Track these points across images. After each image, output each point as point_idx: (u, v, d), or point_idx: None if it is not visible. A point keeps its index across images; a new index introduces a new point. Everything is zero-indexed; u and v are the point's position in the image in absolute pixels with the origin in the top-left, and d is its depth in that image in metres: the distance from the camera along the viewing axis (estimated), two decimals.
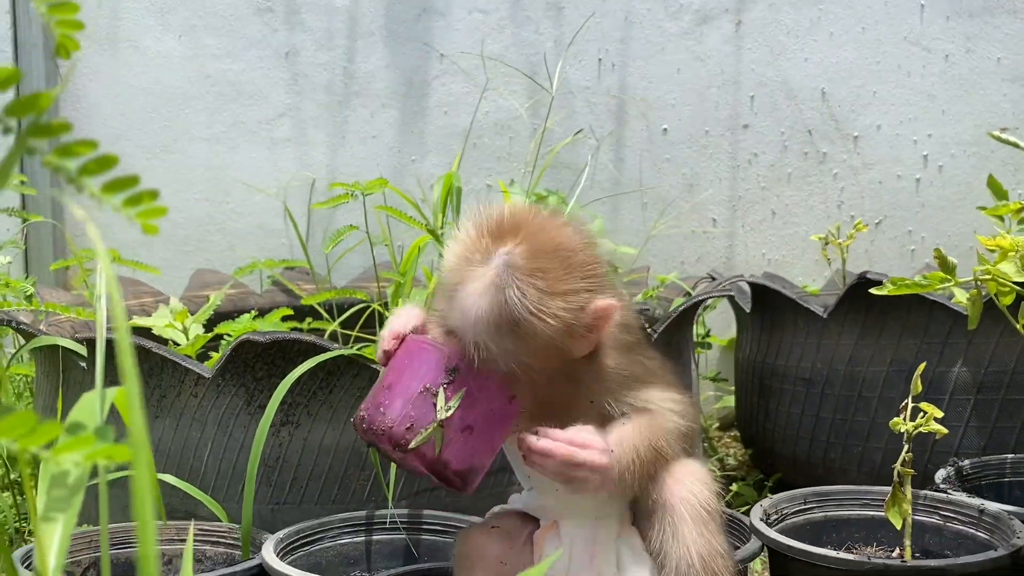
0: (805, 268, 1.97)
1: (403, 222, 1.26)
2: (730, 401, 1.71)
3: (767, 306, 1.32)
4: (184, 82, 1.84)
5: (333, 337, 1.44)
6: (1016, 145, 1.54)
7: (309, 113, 1.87)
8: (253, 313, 1.20)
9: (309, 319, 1.46)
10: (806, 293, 1.75)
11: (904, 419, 0.80)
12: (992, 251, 0.88)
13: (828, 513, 0.87)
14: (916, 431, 0.80)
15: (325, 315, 1.47)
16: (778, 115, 1.93)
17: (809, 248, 1.97)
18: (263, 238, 1.88)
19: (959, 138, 1.95)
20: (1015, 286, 0.85)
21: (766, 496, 1.33)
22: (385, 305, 1.36)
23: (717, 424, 1.86)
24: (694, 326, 1.30)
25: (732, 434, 1.79)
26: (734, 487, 1.38)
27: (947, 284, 0.87)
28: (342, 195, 1.20)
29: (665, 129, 1.93)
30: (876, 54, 1.93)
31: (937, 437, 0.80)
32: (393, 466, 0.92)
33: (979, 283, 0.86)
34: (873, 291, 0.87)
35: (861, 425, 1.16)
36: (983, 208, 1.00)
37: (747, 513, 0.87)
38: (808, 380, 1.23)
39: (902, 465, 0.78)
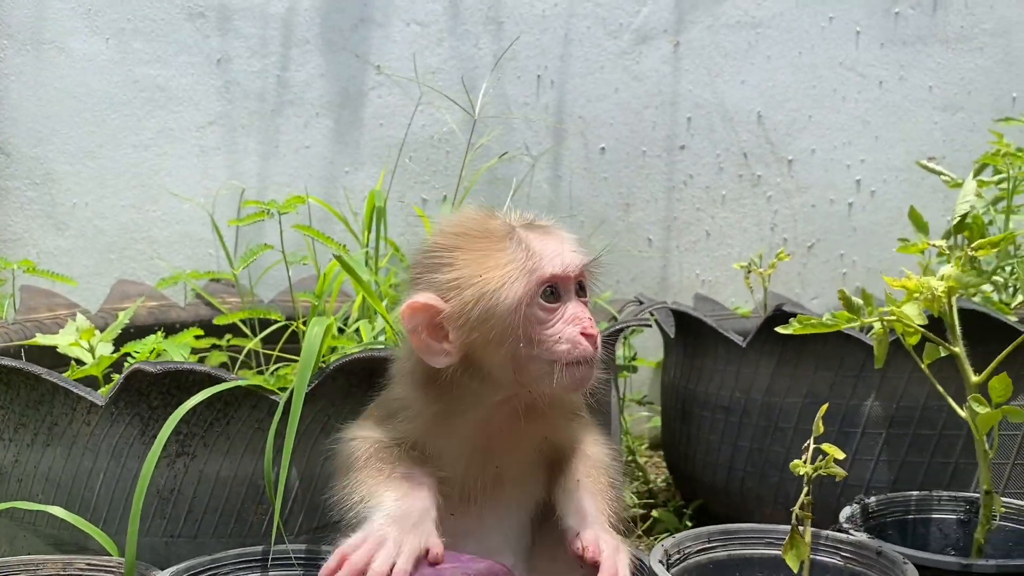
0: (738, 289, 1.98)
1: (321, 241, 1.23)
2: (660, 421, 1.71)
3: (690, 332, 1.32)
4: (111, 86, 1.78)
5: (254, 354, 1.41)
6: (942, 174, 1.57)
7: (240, 121, 1.83)
8: (159, 334, 1.16)
9: (229, 336, 1.43)
10: (735, 315, 1.76)
11: (804, 461, 0.80)
12: (899, 290, 0.89)
13: (732, 552, 0.86)
14: (815, 473, 0.80)
15: (247, 331, 1.44)
16: (714, 137, 1.94)
17: (740, 271, 1.98)
18: (190, 248, 1.83)
19: (891, 164, 1.98)
20: (919, 327, 0.86)
21: (686, 524, 1.33)
22: (305, 323, 1.33)
23: (647, 444, 1.85)
24: (617, 351, 1.30)
25: (661, 454, 1.79)
26: (655, 513, 1.38)
27: (852, 324, 0.87)
28: (257, 213, 1.17)
29: (603, 148, 1.93)
30: (812, 78, 1.95)
31: (837, 479, 0.80)
32: (292, 500, 0.89)
33: (884, 323, 0.86)
34: (779, 330, 0.87)
35: (777, 456, 1.16)
36: (903, 241, 1.01)
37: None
38: (727, 408, 1.23)
39: (801, 508, 0.78)
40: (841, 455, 0.82)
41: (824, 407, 0.82)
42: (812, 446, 0.81)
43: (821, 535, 0.86)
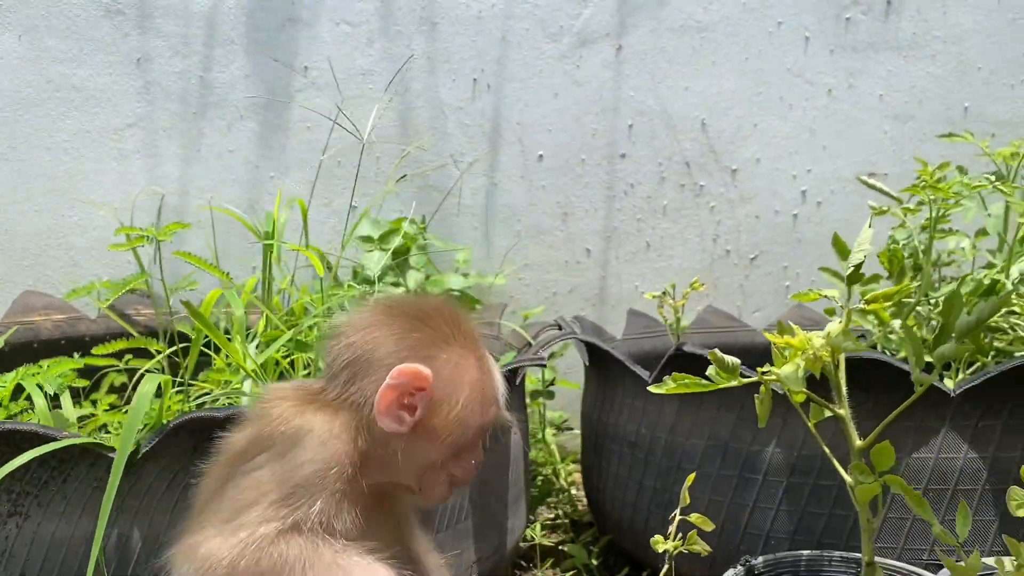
0: None
1: (201, 268, 1.16)
2: None
3: (602, 361, 1.27)
4: (24, 85, 1.71)
5: (160, 370, 1.35)
6: (882, 191, 1.51)
7: (161, 124, 1.76)
8: (24, 368, 1.10)
9: (129, 356, 1.37)
10: (671, 332, 1.71)
11: (668, 536, 0.75)
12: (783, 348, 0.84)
13: None
14: (676, 551, 0.75)
15: (154, 347, 1.38)
16: (656, 145, 1.88)
17: (682, 282, 1.92)
18: (109, 255, 1.77)
19: (839, 174, 1.93)
20: (801, 390, 0.81)
21: (592, 562, 1.29)
22: (210, 345, 1.27)
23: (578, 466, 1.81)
24: (524, 386, 1.24)
25: None
26: (566, 547, 1.33)
27: (730, 384, 0.82)
28: (136, 239, 1.11)
29: (540, 155, 1.86)
30: (758, 85, 1.89)
31: (702, 555, 0.75)
32: (134, 563, 0.84)
33: (766, 383, 0.81)
34: (651, 389, 0.82)
35: (679, 498, 1.11)
36: (799, 296, 0.95)
37: None
38: (634, 444, 1.18)
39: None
40: (711, 526, 0.77)
41: (691, 477, 0.77)
42: (678, 517, 0.76)
43: None
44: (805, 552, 0.93)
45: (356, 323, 0.73)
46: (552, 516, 1.50)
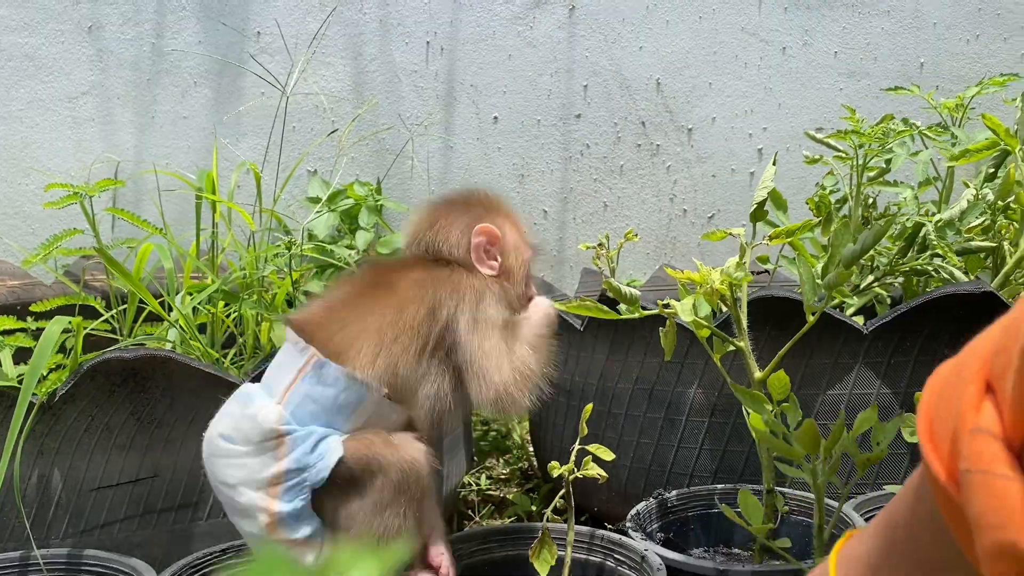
0: (636, 261, 1.94)
1: (134, 224, 1.18)
2: None
3: None
4: None
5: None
6: (827, 144, 1.52)
7: (115, 91, 1.77)
8: None
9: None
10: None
11: (568, 462, 0.77)
12: (685, 283, 0.85)
13: (508, 552, 0.84)
14: (572, 476, 0.77)
15: (98, 305, 1.39)
16: (612, 105, 1.89)
17: (640, 241, 1.94)
18: (67, 223, 1.77)
19: (794, 132, 1.94)
20: (703, 323, 0.82)
21: (533, 507, 1.31)
22: (165, 305, 1.28)
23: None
24: None
25: None
26: (511, 496, 1.35)
27: (632, 316, 0.83)
28: (67, 196, 1.12)
29: (496, 117, 1.87)
30: (713, 44, 1.89)
31: (600, 481, 0.77)
32: (55, 504, 0.86)
33: (669, 316, 0.83)
34: (558, 305, 0.84)
35: (610, 441, 1.13)
36: (707, 236, 0.97)
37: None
38: (569, 392, 1.20)
39: (554, 511, 0.75)
40: (610, 455, 0.79)
41: (589, 408, 0.79)
42: (576, 447, 0.78)
43: (598, 535, 0.83)
44: (719, 485, 0.95)
45: (436, 212, 0.92)
46: (507, 471, 1.53)
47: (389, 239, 1.59)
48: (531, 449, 1.62)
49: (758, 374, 0.82)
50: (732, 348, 0.84)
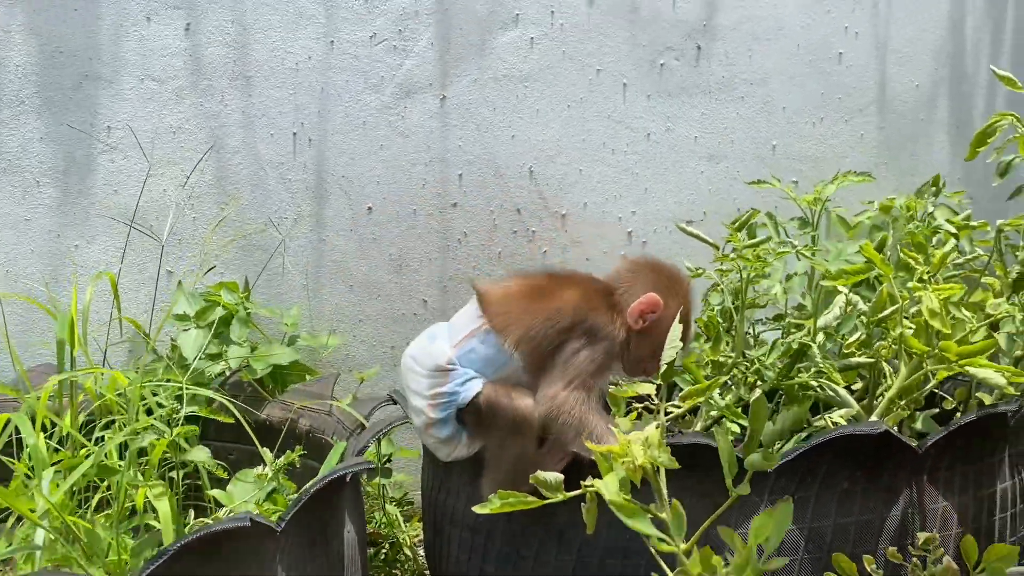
0: None
1: None
2: None
3: None
4: None
5: None
6: (699, 237, 1.57)
7: None
8: None
9: None
10: None
11: None
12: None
13: None
14: None
15: None
16: (487, 193, 1.88)
17: None
18: None
19: (661, 214, 2.00)
20: (625, 500, 0.82)
21: None
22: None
23: None
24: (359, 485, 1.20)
25: None
26: None
27: (555, 499, 0.82)
28: None
29: (369, 208, 1.82)
30: (582, 132, 1.92)
31: None
32: None
33: (589, 493, 0.82)
34: (475, 509, 0.81)
35: None
36: (615, 403, 0.96)
37: None
38: (473, 528, 1.17)
39: None
40: None
41: None
42: None
43: None
44: None
45: (635, 266, 1.24)
46: None
47: (266, 352, 1.51)
48: (420, 561, 1.57)
49: (682, 547, 0.82)
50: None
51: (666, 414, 0.99)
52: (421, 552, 1.51)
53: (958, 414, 1.25)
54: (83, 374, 1.19)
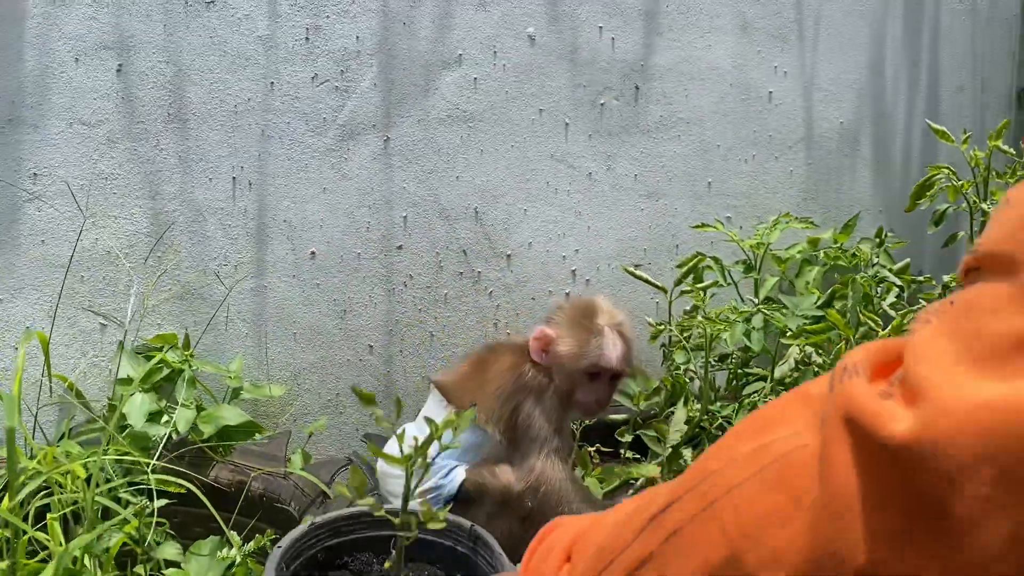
0: None
1: None
2: None
3: None
4: None
5: None
6: (646, 280, 1.59)
7: None
8: None
9: None
10: None
11: None
12: None
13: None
14: None
15: None
16: (432, 235, 1.86)
17: None
18: None
19: (603, 252, 2.02)
20: None
21: None
22: None
23: None
24: None
25: None
26: None
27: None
28: None
29: (313, 252, 1.78)
30: (526, 172, 1.93)
31: None
32: None
33: None
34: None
35: None
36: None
37: None
38: None
39: None
40: None
41: None
42: None
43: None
44: None
45: (548, 311, 1.35)
46: None
47: (213, 413, 1.45)
48: None
49: None
50: None
51: (645, 480, 0.99)
52: None
53: None
54: (35, 466, 1.11)
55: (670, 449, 0.86)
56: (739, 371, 1.45)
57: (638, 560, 0.47)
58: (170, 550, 1.11)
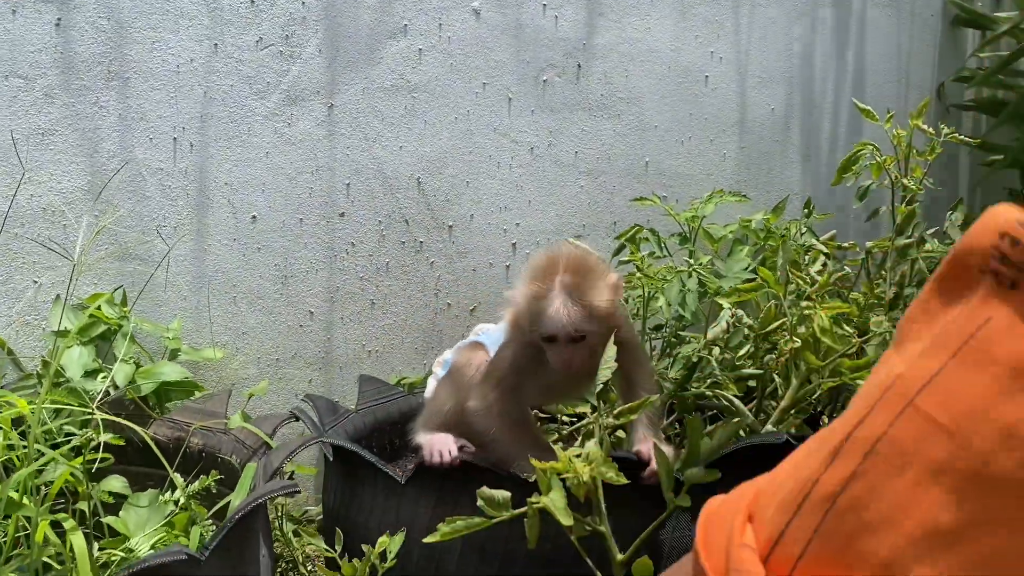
0: (405, 357, 1.94)
1: None
2: None
3: (349, 459, 1.24)
4: None
5: None
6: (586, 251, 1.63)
7: None
8: None
9: None
10: (400, 392, 1.72)
11: None
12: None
13: None
14: None
15: None
16: (375, 204, 1.87)
17: (408, 337, 1.94)
18: None
19: (543, 227, 2.06)
20: (567, 512, 0.85)
21: None
22: None
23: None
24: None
25: None
26: None
27: (502, 518, 0.85)
28: None
29: (254, 216, 1.77)
30: (469, 144, 1.95)
31: None
32: None
33: (533, 508, 0.85)
34: (426, 540, 0.82)
35: None
36: None
37: None
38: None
39: None
40: None
41: None
42: None
43: None
44: None
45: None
46: None
47: (152, 369, 1.44)
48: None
49: (620, 557, 0.87)
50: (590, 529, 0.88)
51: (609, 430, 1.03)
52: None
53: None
54: None
55: (600, 386, 0.89)
56: (672, 339, 1.51)
57: (840, 481, 0.44)
58: (115, 483, 1.11)
